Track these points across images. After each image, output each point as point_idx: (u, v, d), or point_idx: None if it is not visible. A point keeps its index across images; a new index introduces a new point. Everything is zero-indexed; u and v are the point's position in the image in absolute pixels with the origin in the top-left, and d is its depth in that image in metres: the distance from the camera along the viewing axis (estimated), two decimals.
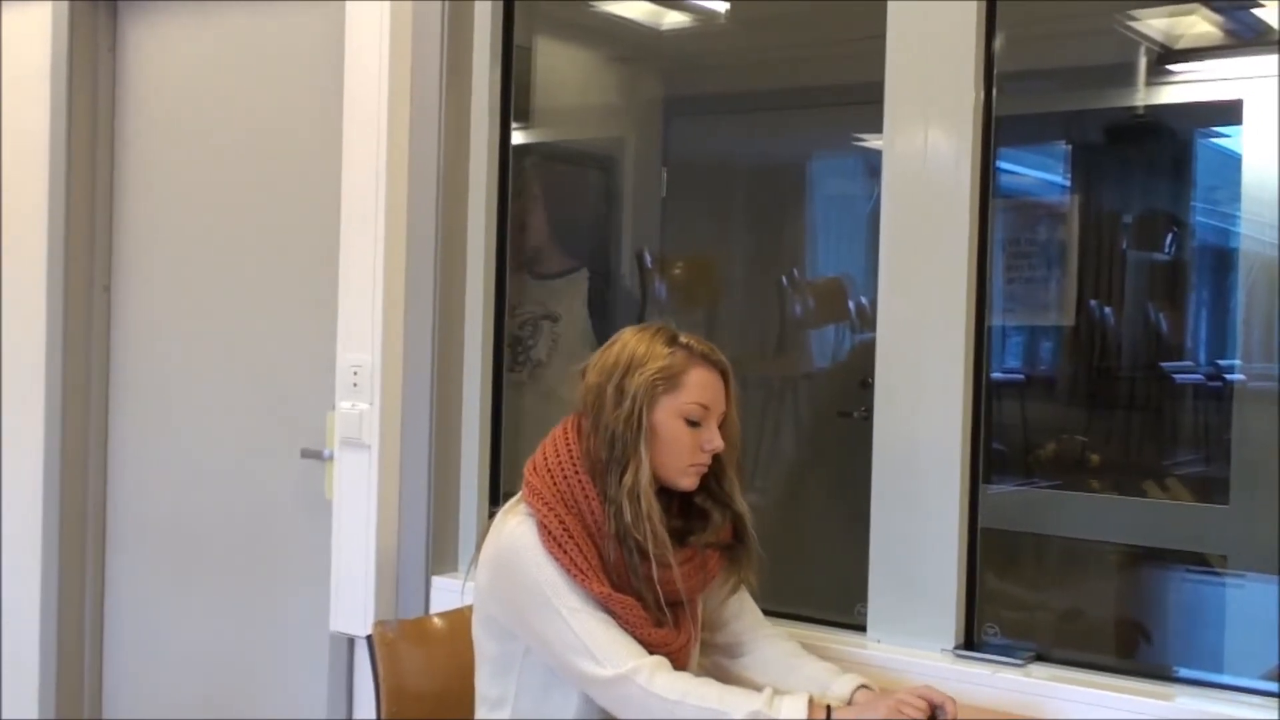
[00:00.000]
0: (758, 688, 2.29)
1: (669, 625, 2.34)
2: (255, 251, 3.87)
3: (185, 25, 4.03)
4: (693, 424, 2.38)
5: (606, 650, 2.27)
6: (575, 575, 2.30)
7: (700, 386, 2.39)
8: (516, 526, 2.37)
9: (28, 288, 4.20)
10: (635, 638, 2.30)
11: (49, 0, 4.13)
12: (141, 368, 4.16)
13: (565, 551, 2.30)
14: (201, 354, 4.00)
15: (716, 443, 2.40)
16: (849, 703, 2.36)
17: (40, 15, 4.15)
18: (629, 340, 2.42)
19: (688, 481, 2.41)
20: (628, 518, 2.30)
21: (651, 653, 2.30)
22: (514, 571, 2.35)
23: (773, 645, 2.58)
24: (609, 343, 2.46)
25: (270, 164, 3.84)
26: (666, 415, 2.37)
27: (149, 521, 4.13)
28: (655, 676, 2.25)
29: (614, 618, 2.30)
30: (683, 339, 2.42)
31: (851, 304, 3.44)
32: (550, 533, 2.32)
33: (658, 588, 2.33)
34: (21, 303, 4.22)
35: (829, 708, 2.24)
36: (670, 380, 2.37)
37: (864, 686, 2.41)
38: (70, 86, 4.11)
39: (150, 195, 4.13)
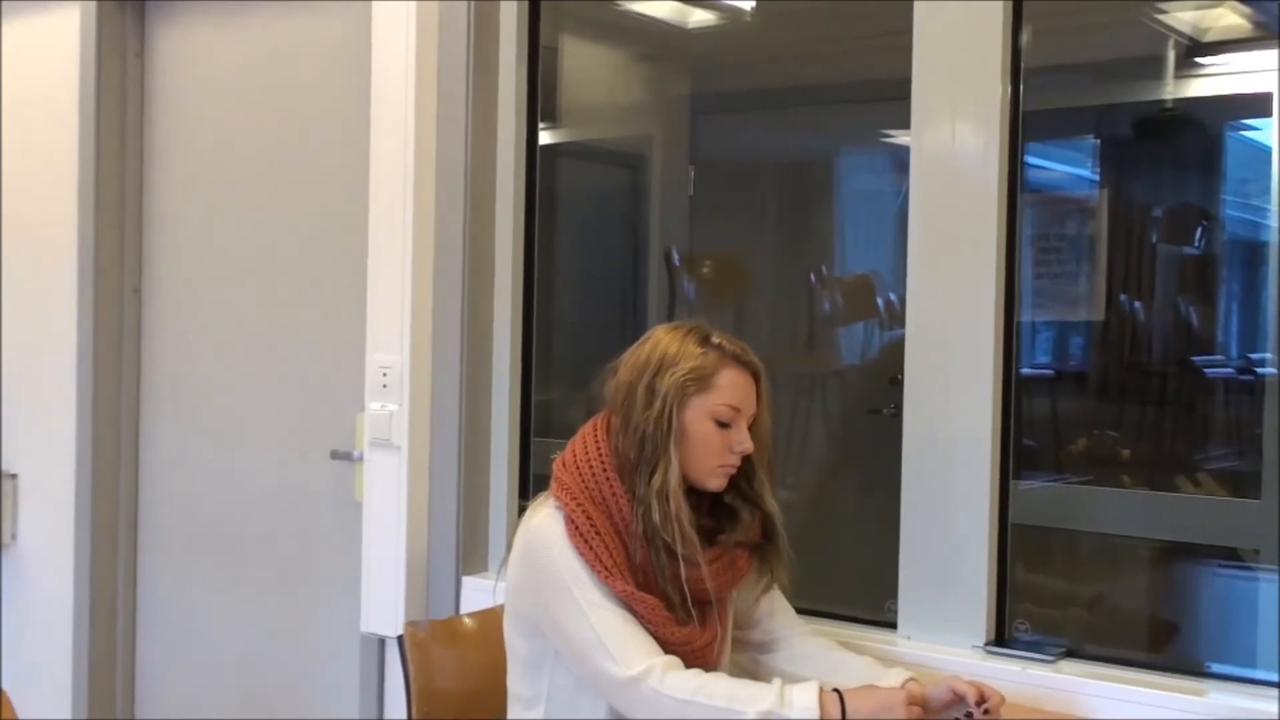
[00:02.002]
0: (799, 682, 2.29)
1: (693, 624, 2.34)
2: (284, 253, 3.89)
3: (212, 28, 4.05)
4: (723, 425, 2.38)
5: (622, 648, 2.26)
6: (599, 571, 2.30)
7: (731, 388, 2.38)
8: (544, 520, 2.37)
9: (59, 290, 4.23)
10: (656, 637, 2.30)
11: (76, 2, 4.16)
12: (172, 369, 4.18)
13: (590, 547, 2.31)
14: (231, 356, 4.01)
15: (746, 445, 2.39)
16: None
17: (68, 19, 4.18)
18: (661, 339, 2.42)
19: (715, 483, 2.41)
20: (656, 518, 2.30)
21: (672, 652, 2.30)
22: (539, 563, 2.35)
23: (809, 642, 2.58)
24: (641, 340, 2.45)
25: (298, 166, 3.85)
26: (697, 416, 2.36)
27: (180, 523, 4.16)
28: (666, 676, 2.24)
29: (635, 616, 2.30)
30: (715, 339, 2.41)
31: (880, 301, 3.43)
32: (577, 527, 2.32)
33: (685, 587, 2.33)
34: (53, 305, 4.25)
35: (840, 694, 2.23)
36: (701, 381, 2.36)
37: (912, 680, 2.41)
38: (98, 89, 4.14)
39: (179, 197, 4.15)
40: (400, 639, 2.81)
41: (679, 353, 2.38)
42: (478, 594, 3.33)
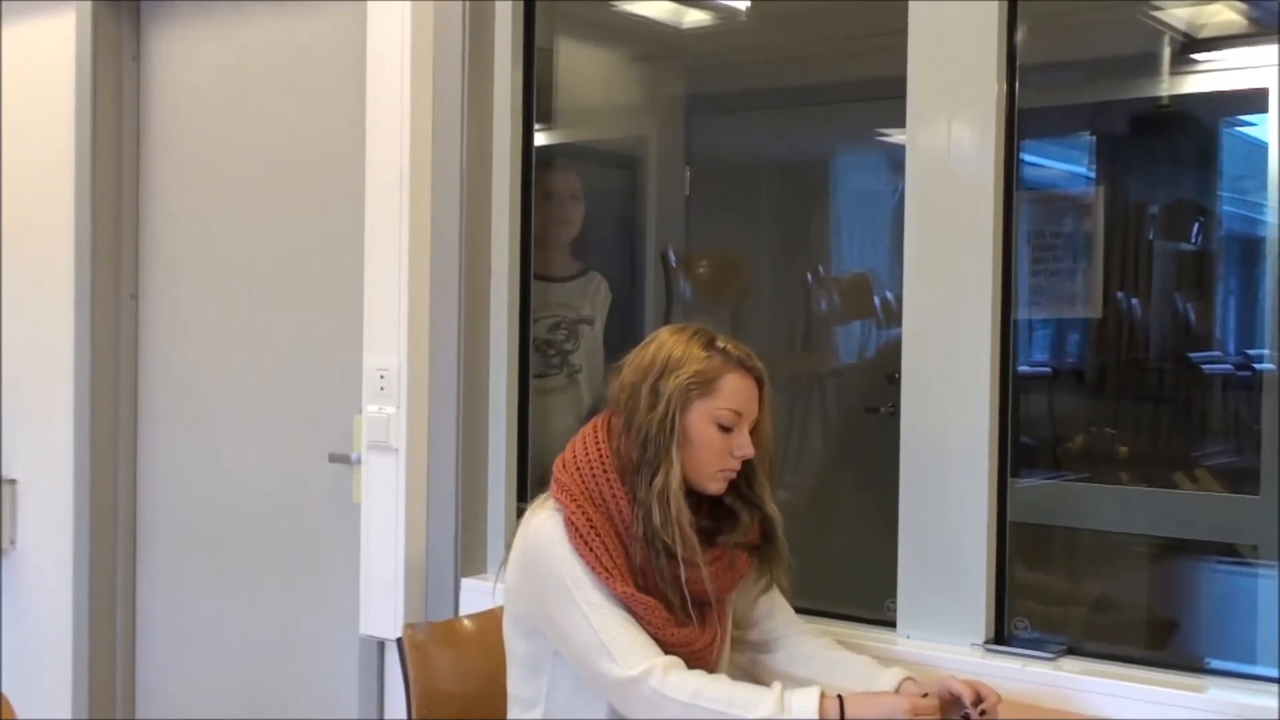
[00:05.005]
0: (798, 682, 2.29)
1: (692, 625, 2.34)
2: (281, 256, 3.89)
3: (208, 30, 4.05)
4: (725, 429, 2.37)
5: (623, 649, 2.27)
6: (599, 573, 2.30)
7: (734, 392, 2.38)
8: (544, 522, 2.37)
9: (56, 295, 4.22)
10: (656, 638, 2.30)
11: (72, 1, 4.16)
12: (169, 374, 4.17)
13: (590, 549, 2.31)
14: (229, 359, 4.01)
15: (747, 449, 2.39)
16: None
17: (63, 21, 4.18)
18: (666, 340, 2.42)
19: (715, 486, 2.41)
20: (656, 520, 2.30)
21: (672, 653, 2.30)
22: (539, 565, 2.36)
23: (808, 641, 2.58)
24: (646, 341, 2.45)
25: (295, 168, 3.85)
26: (699, 419, 2.36)
27: (179, 526, 4.15)
28: (668, 677, 2.24)
29: (635, 618, 2.30)
30: (720, 342, 2.41)
31: (876, 299, 3.43)
32: (577, 529, 2.32)
33: (684, 588, 2.32)
34: (50, 310, 4.25)
35: (840, 699, 2.23)
36: (705, 385, 2.36)
37: (909, 679, 2.41)
38: (94, 92, 4.14)
39: (176, 201, 4.15)
40: (399, 641, 2.80)
41: (684, 355, 2.38)
42: (477, 596, 3.32)
